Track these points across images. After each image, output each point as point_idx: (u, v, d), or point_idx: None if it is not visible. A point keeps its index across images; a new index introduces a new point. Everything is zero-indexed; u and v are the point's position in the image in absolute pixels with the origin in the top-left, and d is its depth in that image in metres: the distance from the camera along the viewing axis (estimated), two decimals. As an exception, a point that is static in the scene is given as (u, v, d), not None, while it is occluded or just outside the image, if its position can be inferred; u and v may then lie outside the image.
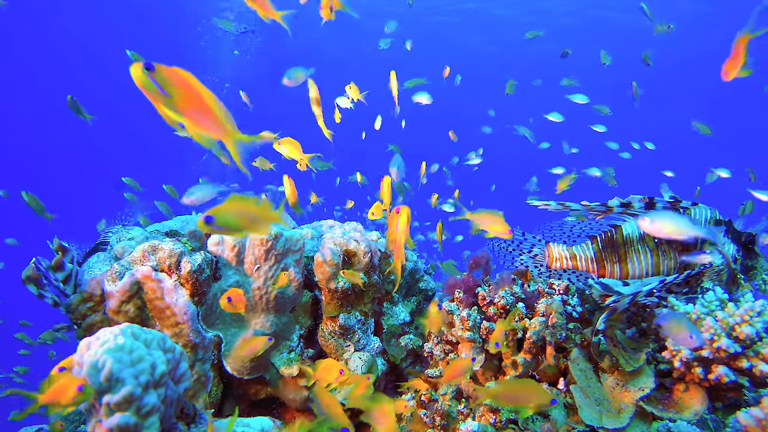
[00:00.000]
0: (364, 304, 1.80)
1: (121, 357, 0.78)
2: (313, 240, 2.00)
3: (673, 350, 1.30)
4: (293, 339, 1.73)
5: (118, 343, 0.80)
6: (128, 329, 0.84)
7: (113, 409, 0.76)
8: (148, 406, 0.79)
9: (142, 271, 1.53)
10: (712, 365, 1.27)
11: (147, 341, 0.85)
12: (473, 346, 1.46)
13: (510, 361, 1.46)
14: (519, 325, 1.45)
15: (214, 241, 1.67)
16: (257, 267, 1.66)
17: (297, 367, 1.63)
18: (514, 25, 13.21)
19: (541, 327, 1.41)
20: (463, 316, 1.48)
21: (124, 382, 0.77)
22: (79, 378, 0.74)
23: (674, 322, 1.14)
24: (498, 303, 1.51)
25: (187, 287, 1.55)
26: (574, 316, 1.53)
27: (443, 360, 1.59)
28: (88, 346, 0.81)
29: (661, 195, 1.54)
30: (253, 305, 1.66)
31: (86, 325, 1.58)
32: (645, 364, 1.34)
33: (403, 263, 2.04)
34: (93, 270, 1.71)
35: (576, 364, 1.40)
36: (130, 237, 1.86)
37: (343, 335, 1.75)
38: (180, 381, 0.90)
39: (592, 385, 1.37)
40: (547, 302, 1.46)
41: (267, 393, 1.70)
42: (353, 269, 1.76)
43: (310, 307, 1.83)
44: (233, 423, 0.84)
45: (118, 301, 1.52)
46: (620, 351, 1.38)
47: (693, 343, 1.11)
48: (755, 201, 2.84)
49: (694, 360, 1.28)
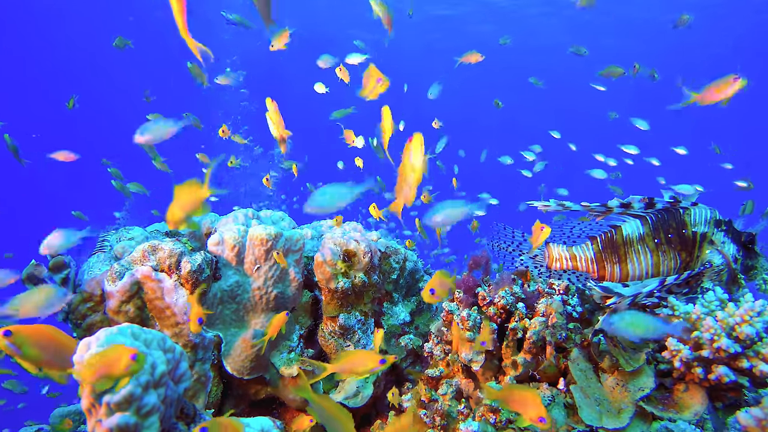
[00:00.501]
0: (364, 304, 1.80)
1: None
2: (313, 240, 2.00)
3: (673, 350, 1.30)
4: (293, 339, 1.73)
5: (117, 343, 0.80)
6: (128, 329, 0.84)
7: (113, 409, 0.76)
8: (148, 406, 0.79)
9: (142, 271, 1.53)
10: (712, 365, 1.27)
11: (147, 341, 0.85)
12: (473, 346, 1.46)
13: (510, 361, 1.45)
14: (519, 325, 1.45)
15: (214, 241, 1.67)
16: (257, 267, 1.66)
17: (297, 367, 1.63)
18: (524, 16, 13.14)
19: (541, 327, 1.40)
20: (463, 316, 1.48)
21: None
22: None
23: (623, 325, 1.16)
24: (498, 303, 1.51)
25: (187, 287, 1.55)
26: (574, 316, 1.53)
27: (443, 360, 1.59)
28: (88, 346, 0.81)
29: (662, 195, 1.54)
30: (254, 305, 1.66)
31: (86, 325, 1.58)
32: (645, 364, 1.34)
33: (407, 253, 2.03)
34: (93, 270, 1.71)
35: (576, 364, 1.40)
36: (130, 237, 1.86)
37: (343, 335, 1.75)
38: (180, 381, 0.90)
39: (592, 385, 1.37)
40: (547, 302, 1.46)
41: (267, 393, 1.70)
42: (354, 269, 1.76)
43: (310, 307, 1.83)
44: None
45: (118, 301, 1.52)
46: (620, 351, 1.37)
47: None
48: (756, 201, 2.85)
49: (694, 360, 1.28)
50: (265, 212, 2.05)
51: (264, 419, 1.01)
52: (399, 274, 2.00)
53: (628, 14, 12.43)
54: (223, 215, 1.93)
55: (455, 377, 1.56)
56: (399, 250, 2.04)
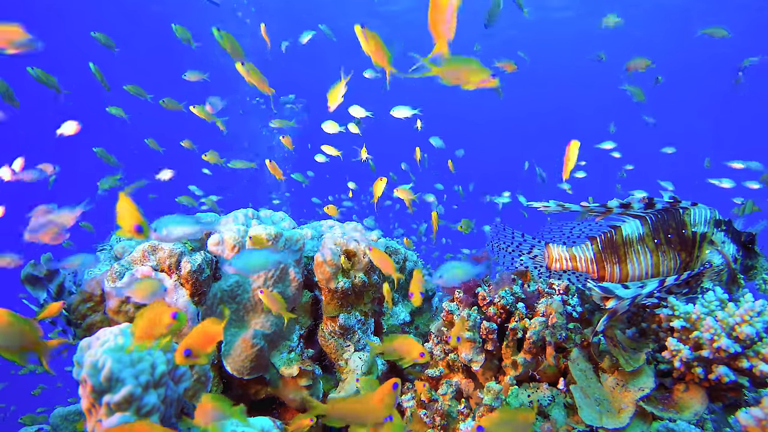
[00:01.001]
0: (364, 304, 1.80)
1: (121, 357, 0.78)
2: (313, 240, 2.00)
3: (674, 350, 1.30)
4: (293, 339, 1.73)
5: (118, 343, 0.80)
6: (128, 329, 0.84)
7: (113, 409, 0.76)
8: (148, 406, 0.79)
9: (142, 270, 1.53)
10: (712, 365, 1.27)
11: (147, 341, 0.85)
12: (473, 346, 1.46)
13: (510, 361, 1.46)
14: (519, 325, 1.45)
15: (214, 241, 1.67)
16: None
17: (297, 367, 1.63)
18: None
19: (541, 327, 1.41)
20: (463, 316, 1.48)
21: (124, 381, 0.77)
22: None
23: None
24: (498, 303, 1.51)
25: (187, 287, 1.55)
26: (574, 316, 1.53)
27: (443, 360, 1.59)
28: (89, 346, 0.81)
29: (661, 195, 1.54)
30: (254, 305, 1.66)
31: (86, 325, 1.58)
32: (645, 364, 1.34)
33: (405, 262, 2.04)
34: (93, 270, 1.71)
35: (576, 364, 1.40)
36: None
37: (343, 335, 1.75)
38: (180, 381, 0.91)
39: (592, 385, 1.37)
40: (547, 302, 1.46)
41: (267, 393, 1.70)
42: (354, 269, 1.77)
43: (310, 307, 1.83)
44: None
45: (118, 301, 1.52)
46: (620, 351, 1.38)
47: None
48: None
49: (695, 360, 1.28)
50: (265, 212, 2.05)
51: (264, 419, 1.01)
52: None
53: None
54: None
55: (455, 377, 1.56)
56: (399, 250, 2.05)
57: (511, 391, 1.40)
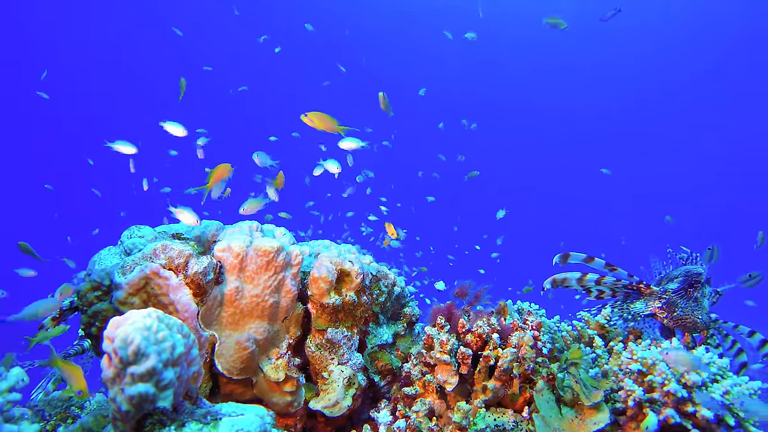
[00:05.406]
0: (351, 322, 1.92)
1: (147, 335, 0.90)
2: (309, 257, 2.13)
3: (629, 390, 1.44)
4: (282, 347, 1.84)
5: (145, 324, 0.92)
6: (154, 313, 0.97)
7: (136, 379, 0.88)
8: (165, 380, 0.91)
9: (151, 267, 1.65)
10: (662, 407, 1.40)
11: (169, 325, 0.97)
12: (450, 369, 1.59)
13: (480, 386, 1.58)
14: (492, 354, 1.58)
15: (221, 246, 1.80)
16: (257, 276, 1.79)
17: (283, 373, 1.74)
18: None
19: (512, 357, 1.54)
20: (443, 340, 1.61)
21: (148, 356, 0.89)
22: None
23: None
24: (475, 331, 1.64)
25: (191, 287, 1.67)
26: (544, 352, 1.67)
27: (419, 380, 1.71)
28: (119, 325, 0.93)
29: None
30: (250, 311, 1.78)
31: (92, 312, 1.69)
32: (602, 401, 1.47)
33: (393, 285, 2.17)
34: (104, 261, 1.83)
35: (541, 395, 1.53)
36: (141, 235, 1.99)
37: (329, 349, 1.86)
38: (191, 365, 1.02)
39: (554, 415, 1.49)
40: (519, 335, 1.60)
41: (252, 395, 1.80)
42: (346, 288, 1.90)
43: (302, 319, 1.95)
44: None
45: (126, 293, 1.63)
46: (582, 387, 1.51)
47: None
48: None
49: (647, 401, 1.42)
50: (268, 226, 2.19)
51: (259, 407, 1.13)
52: (387, 297, 2.14)
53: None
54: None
55: (429, 397, 1.67)
56: (389, 275, 2.18)
57: (479, 413, 1.52)
